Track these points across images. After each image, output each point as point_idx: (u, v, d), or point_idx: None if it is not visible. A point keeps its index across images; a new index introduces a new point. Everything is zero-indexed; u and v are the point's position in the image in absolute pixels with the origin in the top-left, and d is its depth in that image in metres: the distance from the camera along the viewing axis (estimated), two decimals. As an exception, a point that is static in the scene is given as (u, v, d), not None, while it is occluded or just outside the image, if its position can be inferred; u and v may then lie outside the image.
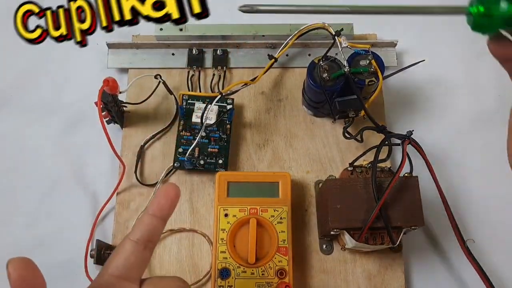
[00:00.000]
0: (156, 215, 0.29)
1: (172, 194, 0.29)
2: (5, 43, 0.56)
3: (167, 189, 0.29)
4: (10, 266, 0.25)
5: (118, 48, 0.56)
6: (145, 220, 0.29)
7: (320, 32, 0.50)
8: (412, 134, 0.41)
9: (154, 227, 0.29)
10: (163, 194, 0.29)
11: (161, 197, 0.29)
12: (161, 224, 0.29)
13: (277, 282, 0.42)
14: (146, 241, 0.29)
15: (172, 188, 0.30)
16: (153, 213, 0.29)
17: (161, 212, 0.29)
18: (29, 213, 0.50)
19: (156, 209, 0.29)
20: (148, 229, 0.29)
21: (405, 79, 0.56)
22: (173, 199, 0.29)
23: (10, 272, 0.25)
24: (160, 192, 0.30)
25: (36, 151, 0.53)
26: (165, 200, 0.29)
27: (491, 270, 0.48)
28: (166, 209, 0.29)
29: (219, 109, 0.51)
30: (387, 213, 0.39)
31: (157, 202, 0.29)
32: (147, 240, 0.29)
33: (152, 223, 0.29)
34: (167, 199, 0.29)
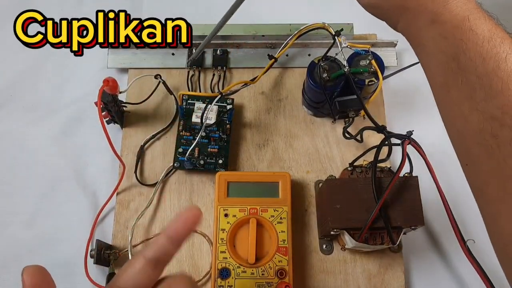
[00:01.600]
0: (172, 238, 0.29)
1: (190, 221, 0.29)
2: (5, 43, 0.57)
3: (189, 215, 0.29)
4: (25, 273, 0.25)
5: (118, 48, 0.56)
6: (160, 241, 0.29)
7: (320, 32, 0.50)
8: (412, 134, 0.41)
9: (168, 249, 0.29)
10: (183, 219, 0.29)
11: (180, 221, 0.29)
12: (175, 248, 0.29)
13: (277, 282, 0.42)
14: (156, 262, 0.29)
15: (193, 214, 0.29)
16: (169, 235, 0.29)
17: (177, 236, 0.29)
18: (29, 213, 0.50)
19: (173, 233, 0.29)
20: (161, 250, 0.29)
21: (405, 79, 0.56)
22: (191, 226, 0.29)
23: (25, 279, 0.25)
24: (181, 216, 0.29)
25: (36, 151, 0.53)
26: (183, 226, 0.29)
27: (491, 270, 0.47)
28: (182, 235, 0.29)
29: (219, 109, 0.51)
30: (387, 213, 0.39)
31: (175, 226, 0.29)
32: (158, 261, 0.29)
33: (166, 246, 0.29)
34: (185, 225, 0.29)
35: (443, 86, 0.33)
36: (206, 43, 0.50)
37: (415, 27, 0.34)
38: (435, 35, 0.32)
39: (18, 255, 0.48)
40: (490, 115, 0.29)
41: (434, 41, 0.32)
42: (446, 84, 0.32)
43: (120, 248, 0.47)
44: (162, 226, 0.48)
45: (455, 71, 0.31)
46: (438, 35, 0.32)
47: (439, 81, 0.33)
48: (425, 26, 0.33)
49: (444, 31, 0.31)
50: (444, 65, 0.32)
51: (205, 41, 0.50)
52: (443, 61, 0.32)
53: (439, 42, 0.32)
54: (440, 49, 0.32)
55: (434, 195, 0.42)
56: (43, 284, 0.25)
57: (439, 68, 0.33)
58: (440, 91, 0.34)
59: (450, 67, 0.31)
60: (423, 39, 0.34)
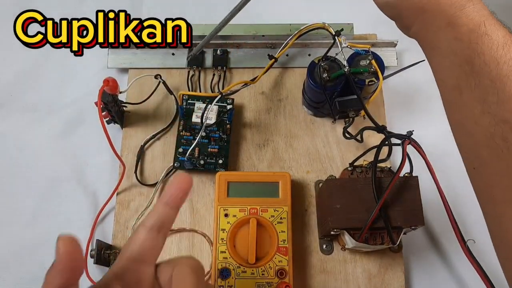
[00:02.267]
0: (168, 204, 0.31)
1: (184, 185, 0.31)
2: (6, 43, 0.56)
3: (180, 180, 0.31)
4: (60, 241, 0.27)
5: (118, 48, 0.56)
6: (159, 208, 0.30)
7: (320, 32, 0.50)
8: (412, 134, 0.41)
9: (167, 214, 0.30)
10: (176, 185, 0.31)
11: (173, 187, 0.31)
12: (174, 212, 0.31)
13: (277, 282, 0.42)
14: (159, 227, 0.30)
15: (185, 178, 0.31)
16: (166, 202, 0.31)
17: (174, 202, 0.31)
18: (29, 213, 0.50)
19: (169, 199, 0.31)
20: (161, 216, 0.30)
21: (405, 79, 0.56)
22: (185, 189, 0.31)
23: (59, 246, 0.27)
24: (173, 182, 0.31)
25: (36, 151, 0.53)
26: (178, 191, 0.31)
27: (491, 270, 0.47)
28: (178, 199, 0.31)
29: (219, 109, 0.51)
30: (387, 213, 0.39)
31: (170, 192, 0.31)
32: (160, 227, 0.30)
33: (165, 211, 0.30)
34: (180, 189, 0.31)
35: (455, 89, 0.33)
36: (208, 39, 0.50)
37: (431, 30, 0.34)
38: (450, 38, 0.32)
39: (18, 255, 0.48)
40: (501, 118, 0.29)
41: (449, 44, 0.33)
42: (458, 87, 0.33)
43: (120, 248, 0.47)
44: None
45: (469, 74, 0.31)
46: (453, 37, 0.32)
47: (451, 84, 0.34)
48: (441, 29, 0.33)
49: (460, 34, 0.32)
50: (457, 67, 0.32)
51: (208, 37, 0.50)
52: (456, 63, 0.32)
53: (454, 44, 0.32)
54: (455, 51, 0.32)
55: (434, 195, 0.42)
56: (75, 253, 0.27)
57: (452, 71, 0.33)
58: (452, 94, 0.34)
59: (464, 70, 0.32)
60: (437, 42, 0.34)
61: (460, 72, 0.32)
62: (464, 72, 0.32)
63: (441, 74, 0.35)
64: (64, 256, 0.26)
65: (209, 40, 0.50)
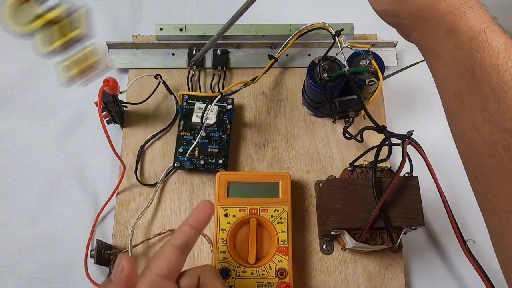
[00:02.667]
0: (193, 226, 0.34)
1: (207, 211, 0.35)
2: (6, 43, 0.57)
3: (204, 206, 0.35)
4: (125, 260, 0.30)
5: (118, 48, 0.56)
6: (185, 229, 0.34)
7: (320, 32, 0.50)
8: (412, 134, 0.41)
9: (191, 236, 0.34)
10: (201, 210, 0.35)
11: (198, 211, 0.35)
12: (197, 234, 0.35)
13: (277, 282, 0.42)
14: (184, 247, 0.33)
15: (208, 205, 0.35)
16: (191, 224, 0.34)
17: (198, 224, 0.34)
18: (29, 213, 0.50)
19: (194, 221, 0.34)
20: (187, 237, 0.34)
21: (405, 79, 0.56)
22: (209, 215, 0.35)
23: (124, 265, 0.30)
24: (198, 207, 0.35)
25: (36, 151, 0.53)
26: (202, 215, 0.35)
27: (491, 270, 0.47)
28: (202, 222, 0.35)
29: (219, 109, 0.51)
30: (387, 213, 0.39)
31: (195, 216, 0.35)
32: (185, 247, 0.34)
33: (190, 233, 0.34)
34: (204, 214, 0.35)
35: (456, 97, 0.33)
36: (210, 45, 0.50)
37: (432, 38, 0.34)
38: (451, 46, 0.32)
39: (18, 255, 0.48)
40: (503, 127, 0.29)
41: (450, 52, 0.32)
42: (459, 95, 0.33)
43: (120, 248, 0.47)
44: (162, 226, 0.48)
45: (469, 82, 0.31)
46: (454, 46, 0.32)
47: (452, 92, 0.33)
48: (442, 37, 0.33)
49: (460, 42, 0.31)
50: (458, 76, 0.32)
51: (209, 42, 0.50)
52: (457, 72, 0.32)
53: (454, 52, 0.32)
54: (455, 59, 0.32)
55: (434, 195, 0.42)
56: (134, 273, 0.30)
57: (453, 79, 0.33)
58: (453, 102, 0.34)
59: (464, 78, 0.31)
60: (438, 50, 0.34)
61: (461, 80, 0.32)
62: (465, 80, 0.31)
63: (442, 82, 0.35)
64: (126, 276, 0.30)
65: (211, 46, 0.50)
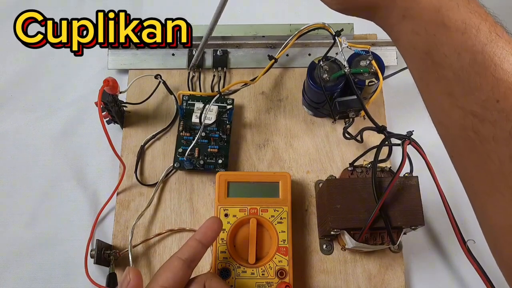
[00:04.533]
0: (201, 241, 0.35)
1: (215, 227, 0.36)
2: (5, 43, 0.57)
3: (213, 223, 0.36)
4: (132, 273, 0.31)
5: (118, 49, 0.56)
6: (192, 244, 0.35)
7: (320, 32, 0.50)
8: (412, 134, 0.41)
9: (198, 251, 0.35)
10: (209, 226, 0.36)
11: (207, 228, 0.36)
12: (204, 249, 0.35)
13: (277, 282, 0.42)
14: (191, 261, 0.34)
15: (217, 222, 0.36)
16: (199, 239, 0.35)
17: (205, 240, 0.35)
18: (29, 213, 0.50)
19: (202, 237, 0.35)
20: (194, 251, 0.34)
21: (405, 79, 0.56)
22: (216, 231, 0.36)
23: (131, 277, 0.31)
24: (206, 223, 0.36)
25: (36, 151, 0.53)
26: (210, 232, 0.36)
27: (491, 270, 0.47)
28: (209, 238, 0.35)
29: (219, 109, 0.51)
30: (387, 213, 0.39)
31: (203, 232, 0.35)
32: (191, 261, 0.34)
33: (197, 247, 0.35)
34: (211, 230, 0.36)
35: (421, 81, 0.32)
36: (202, 46, 0.50)
37: (388, 24, 0.33)
38: (408, 31, 0.31)
39: (18, 254, 0.48)
40: (470, 111, 0.28)
41: (407, 37, 0.31)
42: (423, 80, 0.32)
43: (120, 248, 0.47)
44: (162, 226, 0.48)
45: (430, 67, 0.30)
46: (410, 31, 0.31)
47: (417, 76, 0.33)
48: (398, 22, 0.32)
49: (416, 26, 0.30)
50: (419, 61, 0.31)
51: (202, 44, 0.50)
52: (417, 57, 0.31)
53: (411, 38, 0.31)
54: (414, 45, 0.31)
55: (434, 195, 0.42)
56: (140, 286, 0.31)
57: (415, 64, 0.32)
58: (420, 86, 0.33)
59: (425, 63, 0.30)
60: (397, 35, 0.33)
61: (422, 65, 0.31)
62: (426, 65, 0.30)
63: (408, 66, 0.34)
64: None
65: (204, 47, 0.50)
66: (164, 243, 0.48)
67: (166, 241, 0.48)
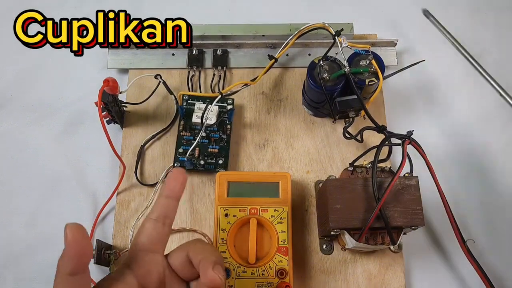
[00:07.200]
0: (169, 196, 0.34)
1: (180, 177, 0.34)
2: (6, 43, 0.57)
3: (176, 174, 0.34)
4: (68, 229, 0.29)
5: (118, 49, 0.55)
6: (160, 201, 0.34)
7: (320, 32, 0.50)
8: (412, 134, 0.41)
9: (169, 205, 0.34)
10: (173, 178, 0.34)
11: (171, 180, 0.34)
12: (175, 203, 0.34)
13: (277, 282, 0.42)
14: (163, 218, 0.33)
15: (180, 172, 0.34)
16: (166, 195, 0.34)
17: (174, 193, 0.34)
18: (29, 213, 0.50)
19: (169, 191, 0.34)
20: (164, 208, 0.33)
21: (405, 79, 0.56)
22: (182, 182, 0.34)
23: (67, 234, 0.29)
24: (170, 176, 0.34)
25: (36, 151, 0.53)
26: (176, 183, 0.34)
27: (491, 270, 0.48)
28: (177, 190, 0.34)
29: (219, 109, 0.51)
30: (387, 213, 0.39)
31: (169, 185, 0.34)
32: (164, 217, 0.33)
33: (167, 203, 0.33)
34: (177, 181, 0.34)
35: None
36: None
37: None
38: None
39: (18, 254, 0.48)
40: None
41: None
42: None
43: (120, 248, 0.47)
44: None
45: None
46: None
47: None
48: None
49: None
50: None
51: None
52: None
53: None
54: None
55: (434, 195, 0.42)
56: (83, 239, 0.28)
57: None
58: None
59: None
60: None
61: None
62: None
63: None
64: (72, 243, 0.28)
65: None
66: (164, 243, 0.48)
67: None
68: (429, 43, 0.59)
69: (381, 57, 0.47)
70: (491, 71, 0.57)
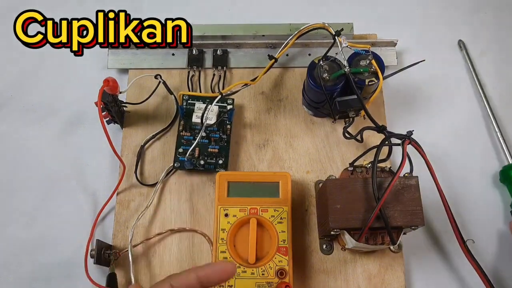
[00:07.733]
0: (201, 280, 0.31)
1: (225, 275, 0.31)
2: (6, 43, 0.57)
3: (225, 267, 0.31)
4: None
5: (118, 49, 0.55)
6: (190, 276, 0.31)
7: (320, 32, 0.50)
8: (412, 134, 0.41)
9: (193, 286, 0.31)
10: (219, 270, 0.31)
11: (215, 270, 0.31)
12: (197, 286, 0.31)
13: (277, 282, 0.42)
14: None
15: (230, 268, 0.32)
16: (199, 277, 0.31)
17: (207, 282, 0.31)
18: (29, 213, 0.50)
19: (205, 277, 0.31)
20: (188, 285, 0.31)
21: (405, 79, 0.56)
22: (224, 279, 0.32)
23: None
24: (218, 265, 0.32)
25: (36, 151, 0.53)
26: (217, 276, 0.31)
27: (491, 270, 0.48)
28: (212, 282, 0.31)
29: (219, 109, 0.51)
30: (387, 213, 0.39)
31: (210, 272, 0.31)
32: None
33: (193, 283, 0.31)
34: (219, 276, 0.31)
35: None
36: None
37: None
38: None
39: (18, 255, 0.48)
40: None
41: None
42: None
43: (120, 248, 0.47)
44: (162, 226, 0.48)
45: None
46: None
47: None
48: None
49: None
50: None
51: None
52: None
53: None
54: None
55: (434, 195, 0.42)
56: None
57: None
58: None
59: None
60: None
61: None
62: None
63: None
64: None
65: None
66: (164, 243, 0.48)
67: (166, 241, 0.48)
68: (429, 43, 0.59)
69: (381, 57, 0.47)
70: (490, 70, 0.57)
